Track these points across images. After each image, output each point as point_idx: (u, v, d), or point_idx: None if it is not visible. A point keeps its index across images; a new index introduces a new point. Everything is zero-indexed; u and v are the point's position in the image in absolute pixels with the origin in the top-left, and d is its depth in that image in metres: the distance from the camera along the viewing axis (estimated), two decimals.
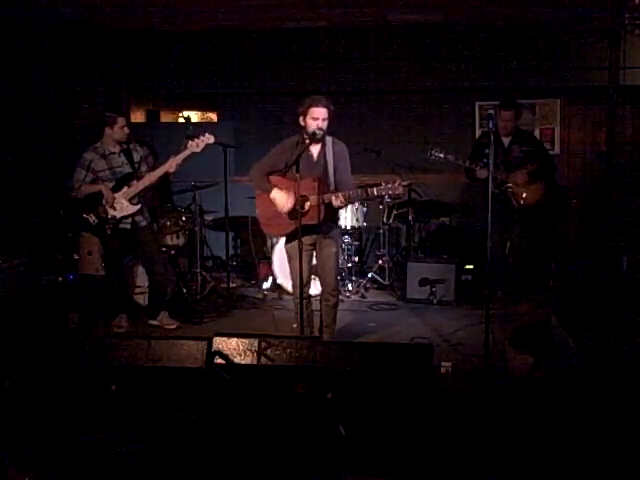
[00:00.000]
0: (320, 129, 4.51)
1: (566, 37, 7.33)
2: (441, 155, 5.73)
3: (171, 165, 5.33)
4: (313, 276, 5.09)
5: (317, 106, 4.50)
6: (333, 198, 4.42)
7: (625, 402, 3.67)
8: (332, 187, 4.60)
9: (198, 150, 5.30)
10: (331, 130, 4.65)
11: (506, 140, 6.04)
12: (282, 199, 4.55)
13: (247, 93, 8.18)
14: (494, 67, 7.49)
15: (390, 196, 4.56)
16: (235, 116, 8.35)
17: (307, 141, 4.52)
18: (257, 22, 7.30)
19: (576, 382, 3.90)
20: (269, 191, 4.59)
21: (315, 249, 4.81)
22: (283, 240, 6.41)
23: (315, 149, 4.66)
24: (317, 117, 4.50)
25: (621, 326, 5.25)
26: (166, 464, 2.96)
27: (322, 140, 4.63)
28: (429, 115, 7.96)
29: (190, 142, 5.30)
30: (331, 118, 4.56)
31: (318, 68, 7.76)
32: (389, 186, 4.35)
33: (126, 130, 5.43)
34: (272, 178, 4.66)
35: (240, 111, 8.36)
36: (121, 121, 5.40)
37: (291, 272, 4.78)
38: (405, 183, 4.51)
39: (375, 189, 4.38)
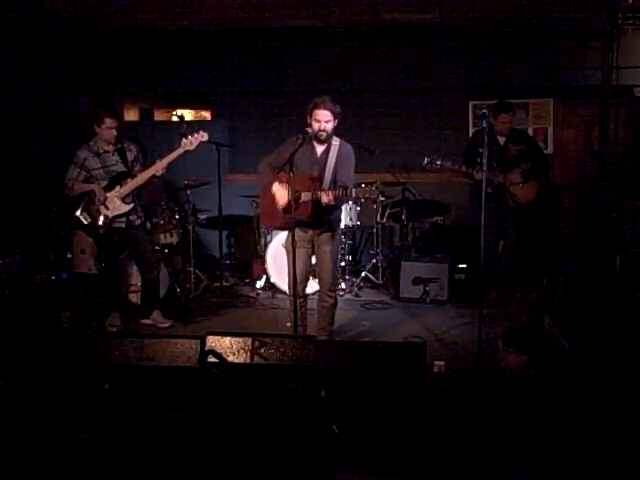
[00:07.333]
0: (323, 131, 4.53)
1: (560, 37, 7.34)
2: (438, 162, 5.72)
3: (164, 163, 5.31)
4: (312, 276, 5.10)
5: (319, 108, 4.51)
6: (323, 195, 4.43)
7: (618, 400, 3.69)
8: (327, 187, 4.62)
9: (192, 148, 5.27)
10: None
11: (502, 139, 6.04)
12: (281, 191, 4.61)
13: (241, 92, 8.17)
14: (488, 66, 7.49)
15: (366, 199, 4.70)
16: (229, 115, 8.33)
17: (300, 140, 4.47)
18: (252, 21, 7.29)
19: (568, 381, 3.91)
20: (272, 182, 4.64)
21: (314, 247, 4.82)
22: (277, 239, 6.46)
23: (320, 148, 4.69)
24: (319, 119, 4.52)
25: (614, 325, 5.27)
26: (160, 463, 2.95)
27: (328, 140, 4.65)
28: (423, 114, 7.96)
29: (184, 140, 5.27)
30: (337, 119, 4.57)
31: (312, 67, 7.76)
32: (367, 189, 4.46)
33: (113, 132, 5.35)
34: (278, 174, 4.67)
35: (234, 110, 8.34)
36: (108, 122, 5.32)
37: (288, 269, 4.80)
38: (378, 189, 4.64)
39: (354, 190, 4.44)
